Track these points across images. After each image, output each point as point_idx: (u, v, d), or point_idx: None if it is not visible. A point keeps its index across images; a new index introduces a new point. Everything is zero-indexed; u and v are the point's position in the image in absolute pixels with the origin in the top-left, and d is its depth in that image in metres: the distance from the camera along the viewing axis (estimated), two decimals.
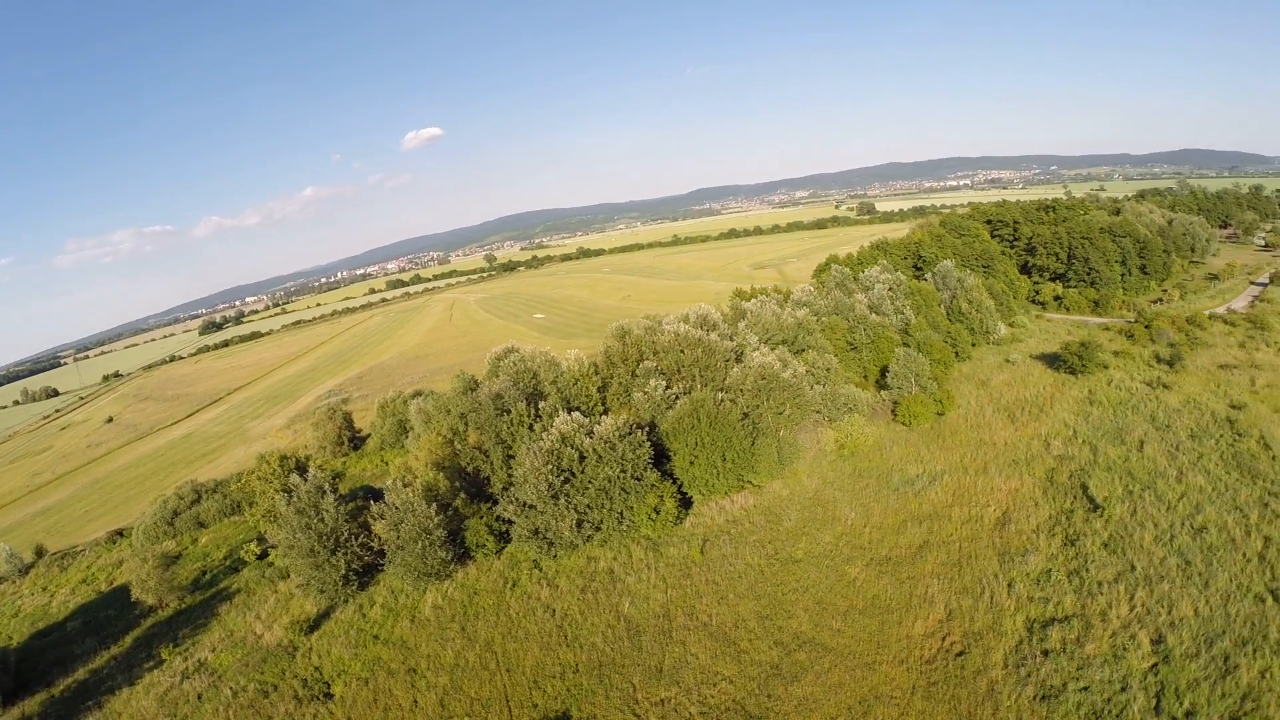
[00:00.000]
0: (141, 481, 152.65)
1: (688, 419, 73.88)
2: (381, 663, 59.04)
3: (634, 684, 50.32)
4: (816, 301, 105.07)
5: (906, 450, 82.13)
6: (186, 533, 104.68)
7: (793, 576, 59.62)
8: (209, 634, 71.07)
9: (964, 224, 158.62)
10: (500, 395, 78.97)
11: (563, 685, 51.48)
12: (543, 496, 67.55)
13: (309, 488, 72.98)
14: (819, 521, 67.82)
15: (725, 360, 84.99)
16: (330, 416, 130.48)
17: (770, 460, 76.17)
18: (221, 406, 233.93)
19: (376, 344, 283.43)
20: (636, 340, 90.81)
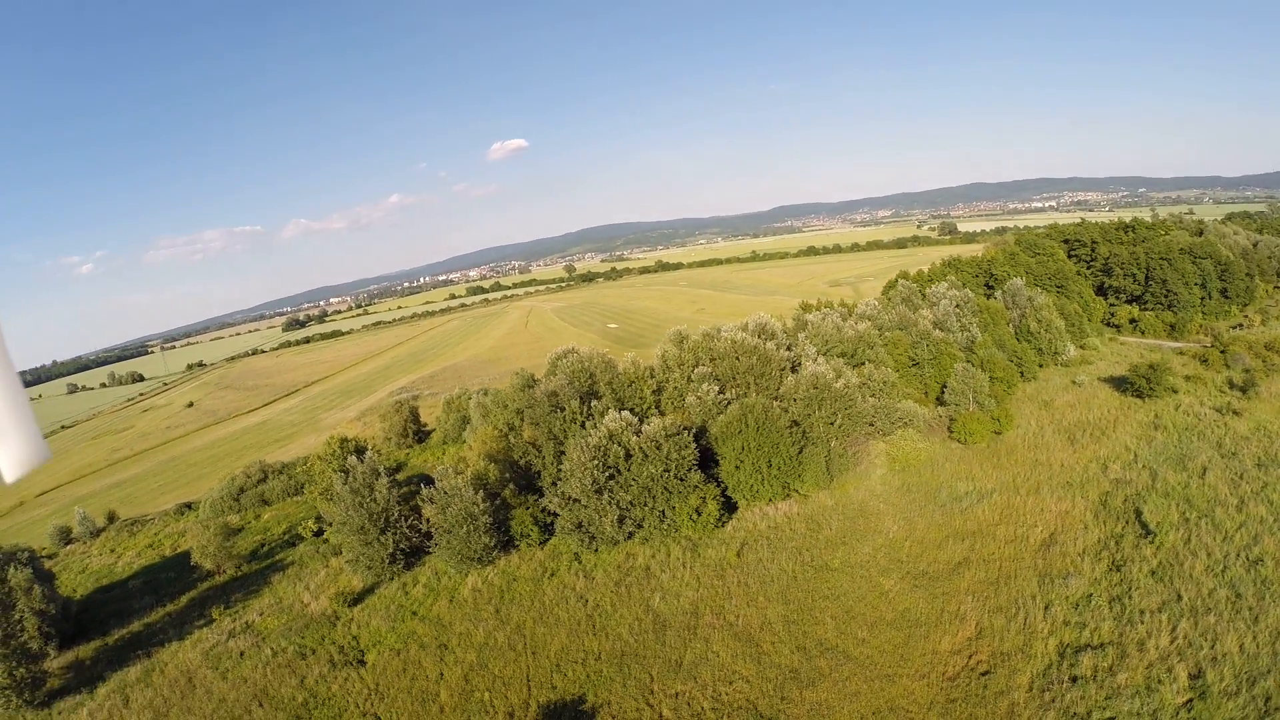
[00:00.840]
0: (214, 461, 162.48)
1: (736, 423, 75.78)
2: (415, 636, 63.05)
3: (652, 675, 52.45)
4: (880, 316, 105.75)
5: (958, 467, 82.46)
6: (250, 509, 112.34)
7: (825, 584, 60.89)
8: (259, 600, 77.07)
9: (1039, 242, 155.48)
10: (555, 393, 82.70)
11: (583, 671, 54.08)
12: (587, 491, 70.72)
13: (364, 469, 78.50)
14: (860, 532, 68.86)
15: (781, 369, 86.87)
16: (397, 409, 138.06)
17: (818, 470, 77.41)
18: (297, 398, 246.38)
19: (452, 346, 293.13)
20: (693, 346, 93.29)
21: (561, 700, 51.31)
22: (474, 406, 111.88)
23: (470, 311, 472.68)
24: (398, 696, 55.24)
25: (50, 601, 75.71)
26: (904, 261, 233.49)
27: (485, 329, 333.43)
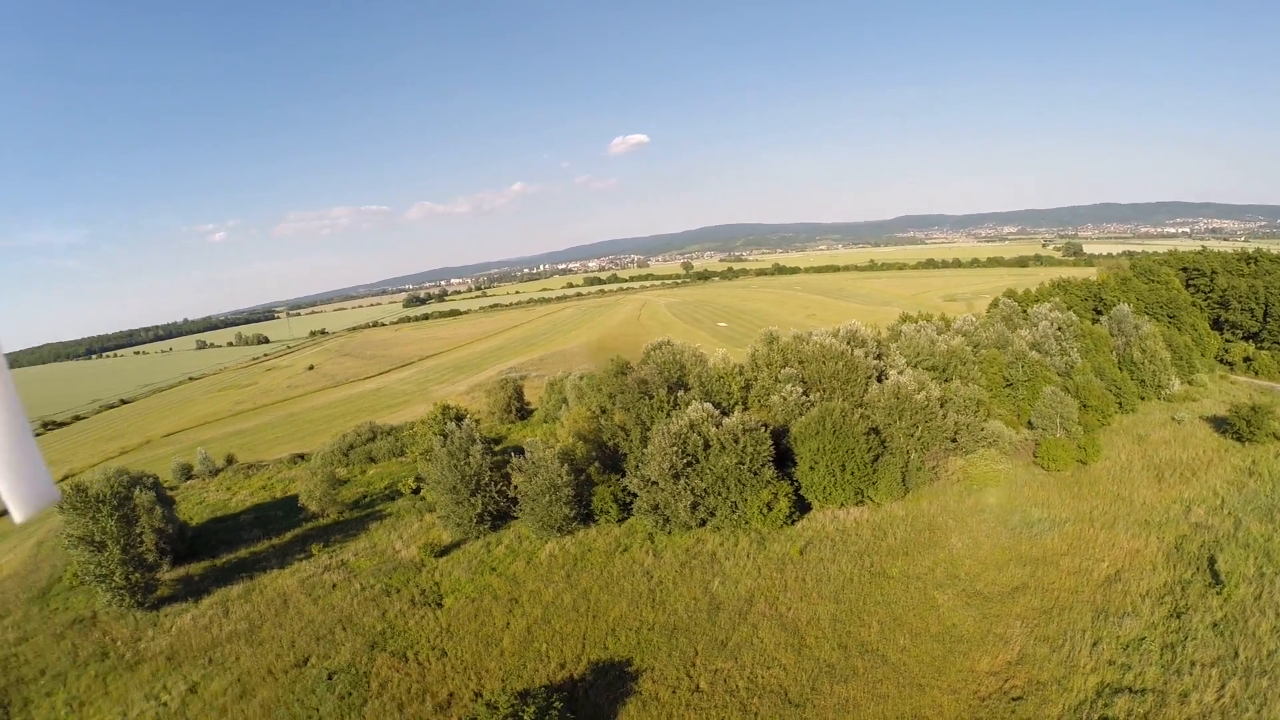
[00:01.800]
0: (328, 420, 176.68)
1: (814, 425, 79.82)
2: (490, 589, 70.97)
3: (697, 650, 57.65)
4: (978, 333, 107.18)
5: (1036, 493, 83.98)
6: (357, 464, 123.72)
7: (879, 590, 64.23)
8: (356, 542, 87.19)
9: (1154, 269, 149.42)
10: (646, 380, 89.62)
11: (636, 638, 60.00)
12: (665, 475, 76.44)
13: (462, 435, 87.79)
14: (923, 545, 71.77)
15: (867, 377, 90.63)
16: (502, 386, 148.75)
17: (892, 479, 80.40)
18: (411, 369, 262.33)
19: (564, 333, 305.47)
20: (783, 347, 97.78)
21: (611, 660, 57.43)
22: (570, 388, 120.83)
23: (585, 301, 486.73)
24: (465, 637, 63.24)
25: (168, 523, 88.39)
26: (1022, 280, 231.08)
27: (598, 318, 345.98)
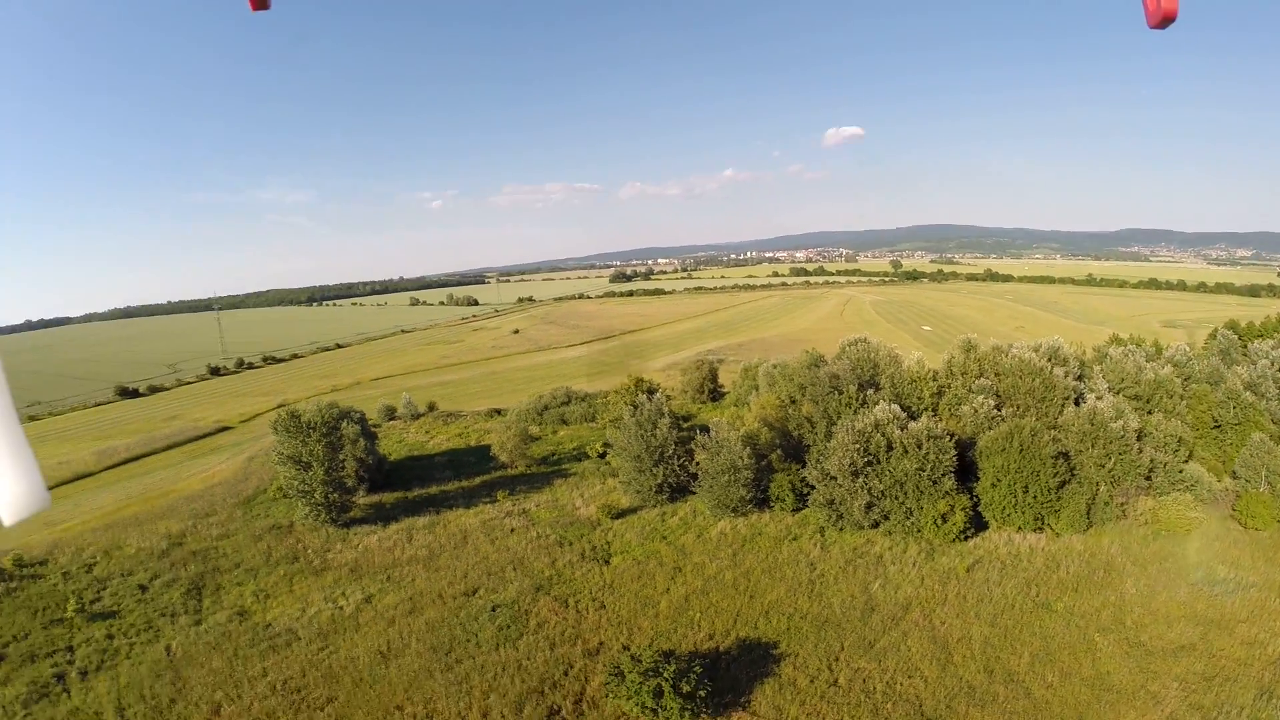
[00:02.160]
0: (527, 382, 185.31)
1: (1000, 441, 77.57)
2: (657, 555, 74.10)
3: (843, 645, 58.05)
4: (1190, 364, 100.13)
5: (1226, 549, 77.77)
6: (550, 425, 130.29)
7: (1039, 621, 61.91)
8: (539, 495, 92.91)
9: None
10: (837, 375, 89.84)
11: (786, 623, 61.16)
12: (844, 471, 76.66)
13: (651, 407, 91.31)
14: (1094, 584, 68.22)
15: (1064, 398, 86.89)
16: (698, 366, 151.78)
17: (1075, 510, 76.65)
18: (612, 342, 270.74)
19: (765, 321, 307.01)
20: (980, 356, 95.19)
21: (758, 640, 59.00)
22: (762, 375, 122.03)
23: (790, 291, 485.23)
24: (625, 594, 66.76)
25: (369, 454, 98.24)
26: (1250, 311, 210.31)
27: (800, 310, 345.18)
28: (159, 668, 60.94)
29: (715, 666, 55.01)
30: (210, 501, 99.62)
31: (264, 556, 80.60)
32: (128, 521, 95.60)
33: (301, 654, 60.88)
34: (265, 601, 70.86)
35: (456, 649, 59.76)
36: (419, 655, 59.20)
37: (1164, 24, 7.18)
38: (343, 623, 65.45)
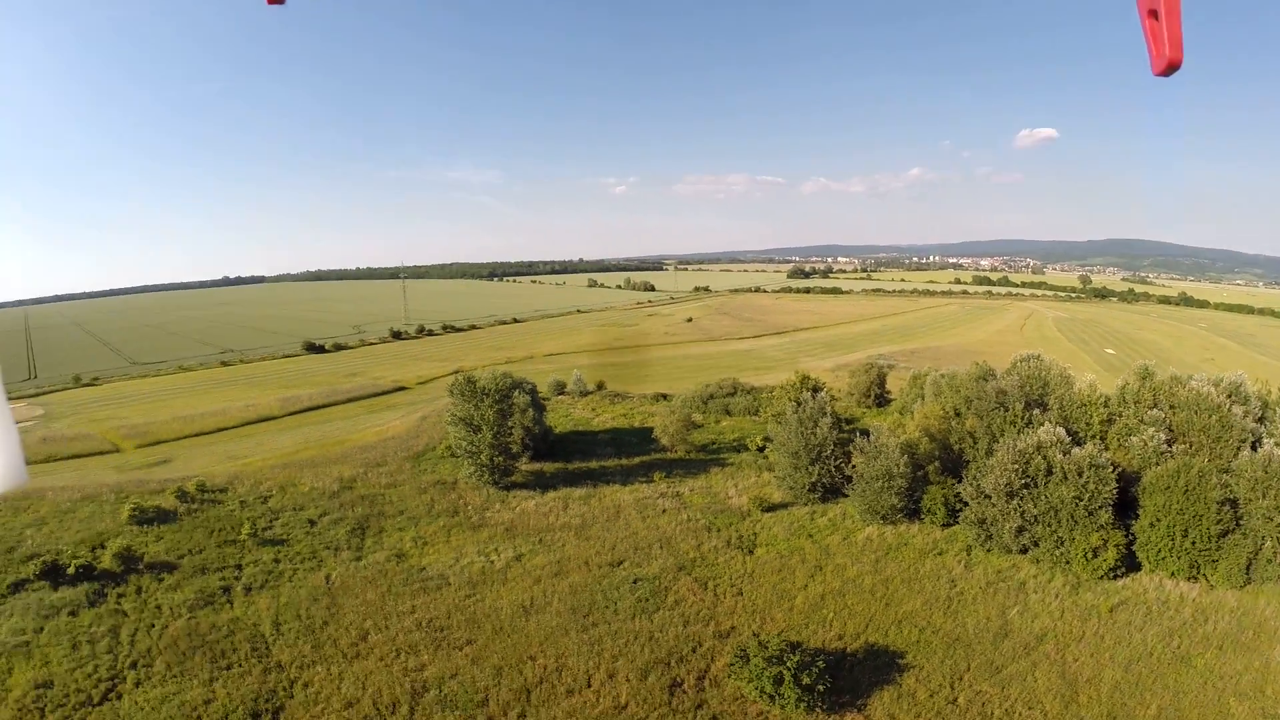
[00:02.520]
0: (695, 370, 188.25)
1: (1165, 479, 73.52)
2: (801, 551, 75.56)
3: (969, 666, 57.57)
4: None
5: None
6: (713, 414, 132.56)
7: (1174, 675, 58.60)
8: (694, 480, 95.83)
9: None
10: (1005, 391, 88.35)
11: (916, 635, 61.39)
12: (999, 491, 75.22)
13: (814, 406, 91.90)
14: (1241, 645, 63.62)
15: (1241, 440, 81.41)
16: (866, 370, 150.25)
17: (1235, 563, 71.12)
18: (783, 338, 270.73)
19: (942, 329, 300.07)
20: (1155, 386, 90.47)
21: (885, 647, 59.68)
22: (929, 384, 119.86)
23: (970, 301, 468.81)
24: (763, 585, 68.77)
25: (536, 424, 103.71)
26: None
27: (979, 321, 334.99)
28: (317, 593, 68.00)
29: (839, 666, 56.16)
30: (382, 453, 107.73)
31: (426, 507, 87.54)
32: (304, 463, 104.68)
33: (449, 598, 66.27)
34: (422, 548, 77.29)
35: (594, 613, 63.46)
36: (558, 614, 63.30)
37: (1169, 71, 7.18)
38: (491, 576, 70.62)
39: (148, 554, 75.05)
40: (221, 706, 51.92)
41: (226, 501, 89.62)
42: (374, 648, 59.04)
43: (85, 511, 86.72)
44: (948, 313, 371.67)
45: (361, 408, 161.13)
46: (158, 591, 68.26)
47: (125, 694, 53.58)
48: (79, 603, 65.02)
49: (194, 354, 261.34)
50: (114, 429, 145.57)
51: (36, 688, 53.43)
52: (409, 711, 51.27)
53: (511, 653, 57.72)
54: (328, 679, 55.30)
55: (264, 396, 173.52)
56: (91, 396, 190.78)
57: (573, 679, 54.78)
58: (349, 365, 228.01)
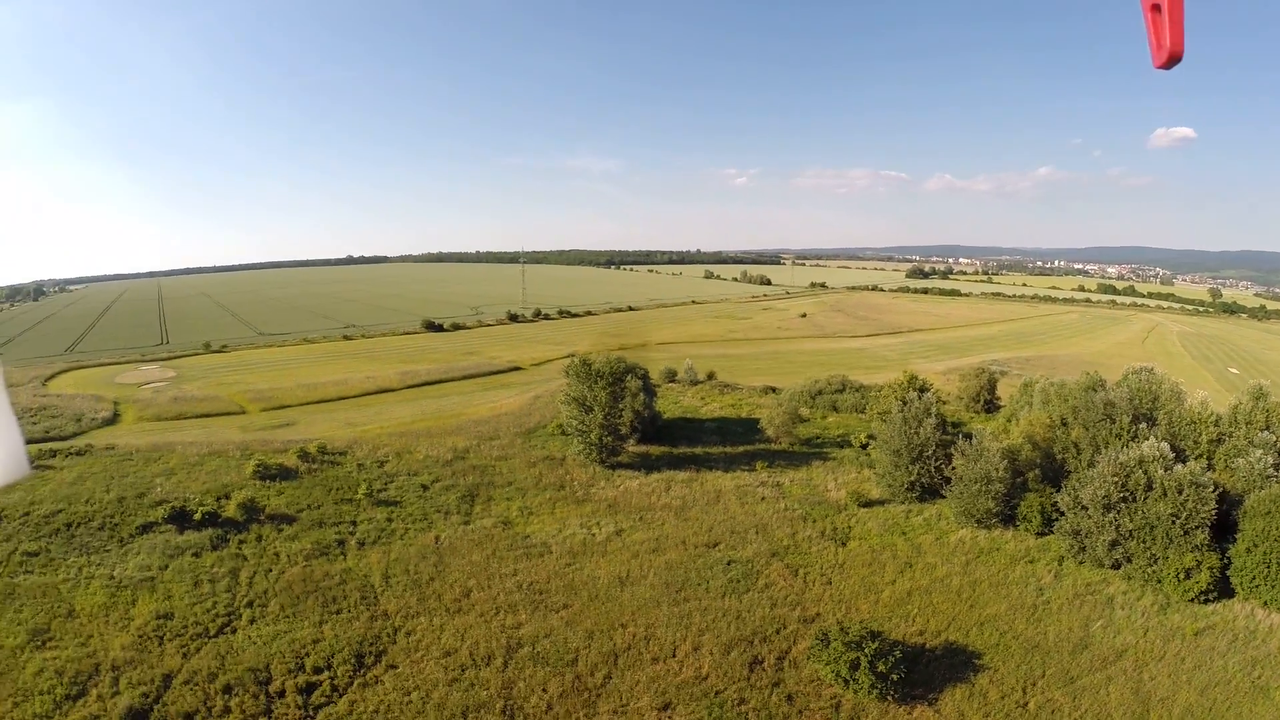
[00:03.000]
0: (806, 366, 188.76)
1: (1266, 503, 71.21)
2: (893, 547, 77.10)
3: (1044, 673, 58.17)
4: None
5: None
6: (820, 410, 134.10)
7: (1250, 704, 57.25)
8: (795, 471, 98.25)
9: None
10: (1113, 403, 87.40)
11: (996, 638, 62.28)
12: (1096, 502, 74.53)
13: (919, 406, 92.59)
14: None
15: None
16: (977, 374, 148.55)
17: None
18: (897, 339, 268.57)
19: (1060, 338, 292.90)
20: (1269, 407, 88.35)
21: (963, 646, 61.00)
22: (1038, 392, 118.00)
23: (1092, 310, 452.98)
24: (853, 577, 70.83)
25: (646, 408, 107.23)
26: None
27: (1100, 331, 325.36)
28: (426, 551, 73.65)
29: (916, 660, 57.69)
30: (495, 427, 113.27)
31: (534, 480, 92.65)
32: (420, 432, 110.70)
33: (550, 565, 70.57)
34: (527, 517, 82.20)
35: (686, 589, 66.79)
36: (652, 587, 66.92)
37: (1170, 64, 7.53)
38: (591, 547, 74.79)
39: (269, 506, 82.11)
40: (329, 646, 57.18)
41: (345, 464, 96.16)
42: (475, 604, 63.46)
43: (212, 465, 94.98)
44: (1068, 321, 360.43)
45: (477, 385, 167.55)
46: (277, 540, 74.86)
47: (240, 629, 59.57)
48: (203, 546, 72.21)
49: (317, 327, 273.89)
50: (240, 392, 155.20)
51: (158, 618, 59.87)
52: (503, 664, 55.33)
53: (604, 619, 61.38)
54: (429, 630, 60.07)
55: (383, 370, 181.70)
56: (220, 362, 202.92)
57: (659, 648, 58.09)
58: (466, 344, 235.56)
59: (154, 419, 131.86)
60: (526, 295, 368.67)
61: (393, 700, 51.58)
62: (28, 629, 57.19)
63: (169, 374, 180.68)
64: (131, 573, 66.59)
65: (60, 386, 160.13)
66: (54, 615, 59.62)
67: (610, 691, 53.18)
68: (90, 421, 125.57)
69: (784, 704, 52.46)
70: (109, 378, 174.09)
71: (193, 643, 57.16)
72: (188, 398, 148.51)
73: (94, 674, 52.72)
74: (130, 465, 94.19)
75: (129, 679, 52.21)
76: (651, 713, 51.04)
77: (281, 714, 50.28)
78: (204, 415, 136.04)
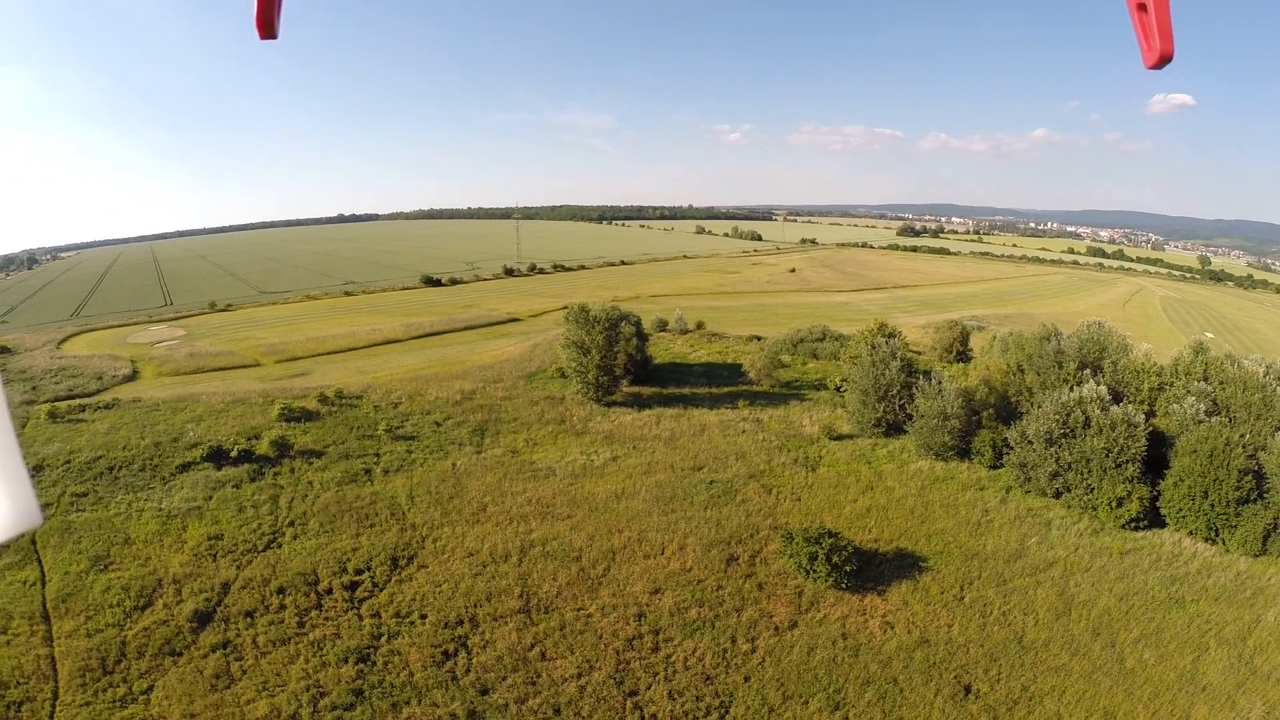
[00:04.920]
0: (791, 318, 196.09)
1: (1193, 443, 79.14)
2: (857, 473, 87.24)
3: (980, 575, 66.84)
4: None
5: None
6: (800, 356, 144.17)
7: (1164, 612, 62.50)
8: (774, 410, 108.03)
9: None
10: (1063, 352, 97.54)
11: (942, 547, 71.07)
12: (1039, 437, 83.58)
13: (887, 349, 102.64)
14: (1236, 602, 65.96)
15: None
16: (950, 328, 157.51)
17: (1252, 532, 74.13)
18: (881, 294, 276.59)
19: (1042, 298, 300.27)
20: (1208, 361, 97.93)
21: (911, 552, 70.20)
22: (997, 341, 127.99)
23: (1078, 272, 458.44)
24: (819, 495, 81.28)
25: (638, 352, 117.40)
26: None
27: (1083, 292, 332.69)
28: (444, 475, 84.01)
29: (870, 561, 67.89)
30: (498, 372, 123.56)
31: (537, 416, 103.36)
32: (428, 378, 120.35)
33: (554, 485, 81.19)
34: (533, 447, 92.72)
35: (674, 503, 77.52)
36: (644, 500, 77.66)
37: (1161, 64, 7.00)
38: (591, 471, 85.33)
39: (297, 443, 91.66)
40: (366, 553, 67.35)
41: (362, 406, 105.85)
42: (491, 516, 73.86)
43: (237, 411, 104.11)
44: (1053, 281, 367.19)
45: (478, 335, 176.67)
46: (308, 471, 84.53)
47: (284, 544, 69.32)
48: (241, 478, 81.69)
49: (318, 285, 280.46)
50: (252, 347, 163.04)
51: (209, 539, 69.44)
52: (518, 560, 65.94)
53: (603, 525, 72.28)
54: (453, 536, 70.49)
55: (388, 322, 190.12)
56: (227, 320, 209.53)
57: (650, 547, 68.85)
58: (464, 298, 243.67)
59: (172, 374, 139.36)
60: (521, 250, 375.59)
61: (426, 591, 61.63)
62: (89, 556, 65.55)
63: (179, 333, 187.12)
64: (178, 504, 75.64)
65: (74, 349, 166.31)
66: (111, 543, 68.16)
67: (609, 579, 63.72)
68: (111, 379, 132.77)
69: (755, 590, 62.68)
70: (120, 338, 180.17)
71: (243, 557, 66.59)
72: (203, 353, 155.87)
73: (157, 587, 61.38)
74: (159, 415, 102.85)
75: (190, 589, 61.11)
76: (644, 595, 61.45)
77: (331, 606, 59.81)
78: (221, 369, 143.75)
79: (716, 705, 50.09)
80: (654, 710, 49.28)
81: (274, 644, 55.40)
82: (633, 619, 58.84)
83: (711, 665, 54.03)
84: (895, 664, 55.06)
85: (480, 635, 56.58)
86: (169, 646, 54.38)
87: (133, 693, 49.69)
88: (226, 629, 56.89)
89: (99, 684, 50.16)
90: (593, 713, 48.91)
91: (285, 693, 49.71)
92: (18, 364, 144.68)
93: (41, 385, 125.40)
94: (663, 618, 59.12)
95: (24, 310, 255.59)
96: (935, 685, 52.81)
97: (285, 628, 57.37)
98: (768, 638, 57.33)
